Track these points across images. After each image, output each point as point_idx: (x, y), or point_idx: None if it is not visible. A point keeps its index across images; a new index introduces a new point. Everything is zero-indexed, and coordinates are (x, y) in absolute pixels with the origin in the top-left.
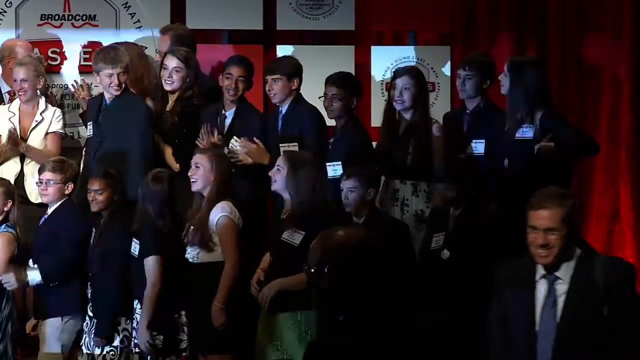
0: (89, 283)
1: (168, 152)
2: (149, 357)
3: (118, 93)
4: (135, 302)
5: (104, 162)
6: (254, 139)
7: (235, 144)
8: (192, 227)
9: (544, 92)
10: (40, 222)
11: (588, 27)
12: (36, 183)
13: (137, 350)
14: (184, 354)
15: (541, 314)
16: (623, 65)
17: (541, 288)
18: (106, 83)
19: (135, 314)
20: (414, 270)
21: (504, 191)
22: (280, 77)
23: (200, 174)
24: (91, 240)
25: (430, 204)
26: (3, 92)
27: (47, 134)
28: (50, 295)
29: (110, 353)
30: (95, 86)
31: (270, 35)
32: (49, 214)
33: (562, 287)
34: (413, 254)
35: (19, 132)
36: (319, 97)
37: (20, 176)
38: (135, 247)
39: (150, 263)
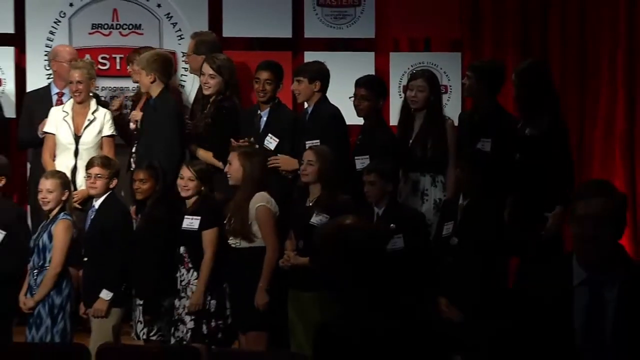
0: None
1: (206, 155)
2: (189, 334)
3: (156, 94)
4: (190, 273)
5: (144, 155)
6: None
7: (271, 141)
8: (232, 217)
9: (549, 94)
10: (90, 214)
11: (586, 36)
12: (84, 177)
13: (181, 327)
14: (228, 320)
15: (584, 326)
16: (618, 71)
17: (583, 295)
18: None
19: (191, 285)
20: (427, 255)
21: (512, 184)
22: (303, 79)
23: (233, 170)
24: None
25: (446, 194)
26: (52, 93)
27: (102, 137)
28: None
29: (158, 333)
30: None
31: (298, 42)
32: (96, 206)
33: (611, 293)
34: (428, 240)
35: (72, 130)
36: (349, 98)
37: (74, 170)
38: (192, 223)
39: (210, 235)
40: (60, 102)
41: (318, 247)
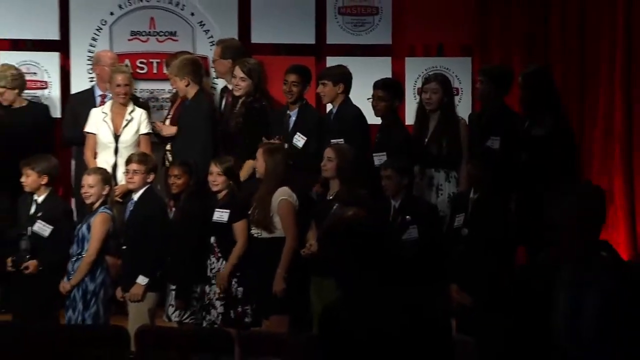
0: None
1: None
2: (219, 318)
3: (191, 96)
4: (219, 262)
5: (180, 152)
6: None
7: (299, 139)
8: (255, 210)
9: (552, 96)
10: (129, 206)
11: (586, 41)
12: (123, 173)
13: (212, 311)
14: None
15: (565, 325)
16: (616, 73)
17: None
18: None
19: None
20: (439, 244)
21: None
22: (327, 82)
23: (258, 165)
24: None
25: (458, 189)
26: (96, 95)
27: (139, 135)
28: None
29: (190, 317)
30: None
31: (321, 48)
32: (135, 199)
33: (592, 293)
34: (440, 231)
35: (112, 130)
36: (368, 99)
37: (114, 166)
38: (222, 216)
39: (241, 225)
40: (103, 104)
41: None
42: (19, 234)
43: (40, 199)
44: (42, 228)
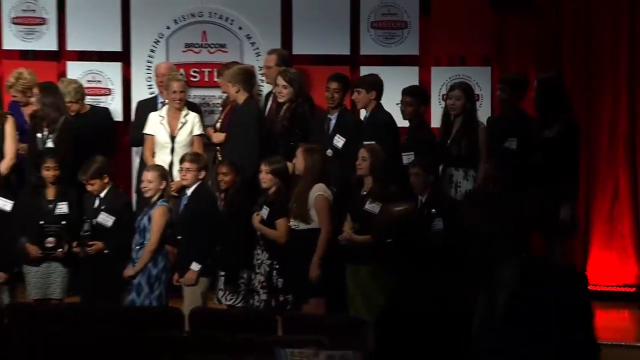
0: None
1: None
2: (262, 304)
3: (241, 102)
4: (263, 253)
5: (230, 152)
6: None
7: (339, 140)
8: (294, 204)
9: (563, 102)
10: (183, 200)
11: (593, 51)
12: (178, 170)
13: (255, 297)
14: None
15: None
16: (621, 80)
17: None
18: None
19: (263, 263)
20: (462, 235)
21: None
22: (361, 89)
23: (298, 163)
24: None
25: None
26: (158, 102)
27: (192, 136)
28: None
29: (238, 300)
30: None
31: (355, 59)
32: (188, 194)
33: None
34: (462, 222)
35: (169, 132)
36: (397, 104)
37: (171, 165)
38: (264, 213)
39: (282, 224)
40: (160, 108)
41: (379, 228)
42: (82, 218)
43: (102, 193)
44: (105, 219)
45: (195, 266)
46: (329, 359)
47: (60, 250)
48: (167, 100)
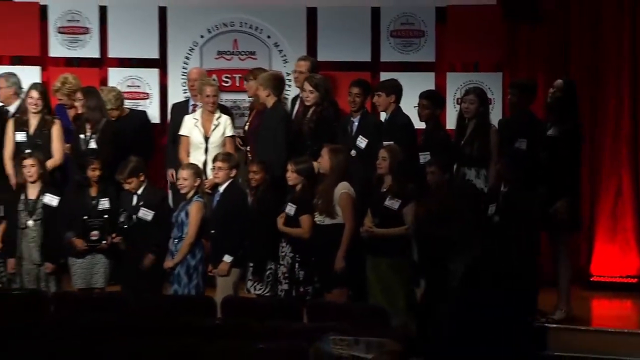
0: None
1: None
2: (283, 294)
3: (270, 105)
4: (287, 247)
5: (260, 152)
6: None
7: (362, 141)
8: (319, 200)
9: (573, 104)
10: (216, 197)
11: (599, 58)
12: (211, 169)
13: (279, 287)
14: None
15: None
16: (624, 86)
17: None
18: None
19: (286, 256)
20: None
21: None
22: (382, 93)
23: (323, 162)
24: None
25: (487, 184)
26: (189, 105)
27: (225, 137)
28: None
29: (266, 289)
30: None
31: (376, 65)
32: (220, 191)
33: None
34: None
35: (202, 133)
36: (414, 107)
37: (204, 164)
38: (290, 210)
39: (306, 220)
40: (193, 111)
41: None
42: (119, 210)
43: (140, 190)
44: (145, 214)
45: (227, 258)
46: (368, 346)
47: (104, 242)
48: (198, 103)
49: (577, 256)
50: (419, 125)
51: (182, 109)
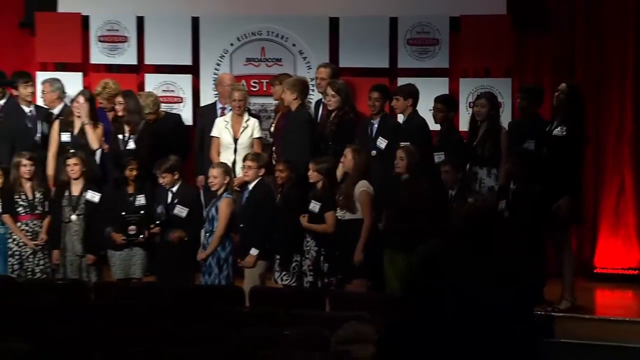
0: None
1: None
2: (308, 284)
3: (294, 108)
4: (311, 241)
5: (285, 152)
6: None
7: (381, 142)
8: (341, 196)
9: (579, 107)
10: (245, 194)
11: (603, 63)
12: (240, 168)
13: (304, 279)
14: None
15: None
16: (627, 92)
17: None
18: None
19: (311, 250)
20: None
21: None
22: (400, 97)
23: (346, 161)
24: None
25: (497, 182)
26: (217, 108)
27: (253, 138)
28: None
29: (291, 280)
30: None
31: (394, 71)
32: (249, 188)
33: None
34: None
35: (232, 134)
36: (429, 110)
37: (234, 163)
38: (315, 207)
39: (330, 216)
40: (222, 114)
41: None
42: (155, 203)
43: (174, 188)
44: (180, 210)
45: (254, 251)
46: (345, 329)
47: (141, 236)
48: (227, 106)
49: (581, 250)
50: (434, 127)
51: (210, 111)
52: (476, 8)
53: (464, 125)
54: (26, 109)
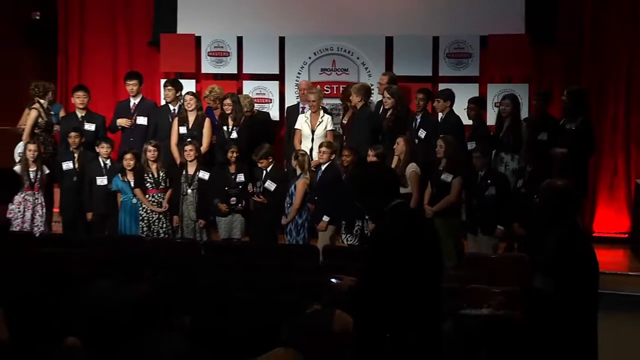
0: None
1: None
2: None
3: (359, 107)
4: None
5: (352, 141)
6: None
7: (422, 133)
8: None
9: (584, 106)
10: (319, 173)
11: (604, 71)
12: (317, 153)
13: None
14: None
15: None
16: (621, 94)
17: None
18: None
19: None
20: (508, 197)
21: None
22: (440, 99)
23: (399, 148)
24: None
25: (520, 165)
26: (300, 107)
27: (326, 130)
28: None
29: (354, 240)
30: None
31: (435, 78)
32: (322, 169)
33: None
34: (509, 189)
35: (310, 127)
36: (464, 109)
37: (311, 150)
38: None
39: None
40: (303, 112)
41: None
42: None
43: (268, 169)
44: (270, 185)
45: (325, 218)
46: (331, 281)
47: (240, 205)
48: (306, 106)
49: (583, 217)
50: (467, 122)
51: (294, 110)
52: (501, 29)
53: (491, 120)
54: (170, 108)
